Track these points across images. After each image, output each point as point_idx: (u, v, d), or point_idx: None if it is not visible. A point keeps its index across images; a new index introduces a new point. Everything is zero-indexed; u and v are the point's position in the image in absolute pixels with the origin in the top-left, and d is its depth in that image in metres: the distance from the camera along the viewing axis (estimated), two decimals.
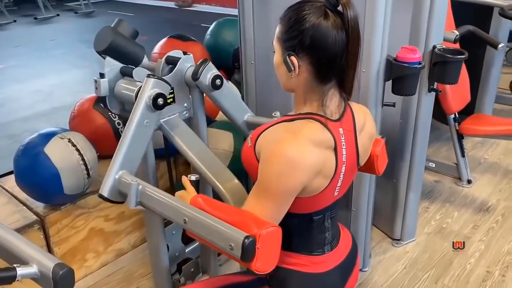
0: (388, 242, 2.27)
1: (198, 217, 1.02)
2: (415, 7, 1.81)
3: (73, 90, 5.08)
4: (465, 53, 1.80)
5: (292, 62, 1.01)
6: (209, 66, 1.46)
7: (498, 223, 2.39)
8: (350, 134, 1.08)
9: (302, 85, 1.05)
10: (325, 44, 0.97)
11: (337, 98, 1.05)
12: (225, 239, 0.94)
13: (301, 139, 0.98)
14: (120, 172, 1.24)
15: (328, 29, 0.96)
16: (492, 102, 3.32)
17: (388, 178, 2.17)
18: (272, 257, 0.95)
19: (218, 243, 0.96)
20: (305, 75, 1.02)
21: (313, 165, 0.98)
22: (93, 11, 10.23)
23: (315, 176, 1.00)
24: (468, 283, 1.99)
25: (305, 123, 1.02)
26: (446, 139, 3.12)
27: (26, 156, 1.80)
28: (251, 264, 0.91)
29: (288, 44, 1.02)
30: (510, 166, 2.95)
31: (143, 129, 1.31)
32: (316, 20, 0.96)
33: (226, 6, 10.15)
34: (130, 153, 1.27)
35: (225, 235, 0.94)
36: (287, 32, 1.02)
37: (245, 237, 0.89)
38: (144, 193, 1.18)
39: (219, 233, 0.96)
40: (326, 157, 1.01)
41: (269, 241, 0.93)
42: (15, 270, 0.78)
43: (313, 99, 1.05)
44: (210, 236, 0.99)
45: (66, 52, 6.86)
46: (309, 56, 1.00)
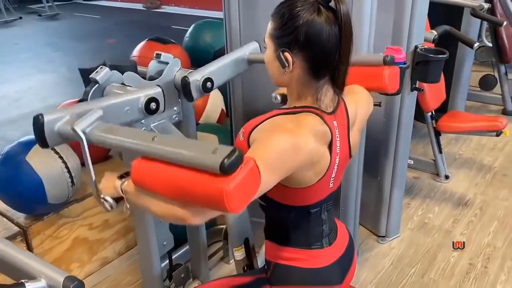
0: (373, 239, 2.31)
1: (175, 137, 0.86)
2: (397, 8, 1.85)
3: (42, 95, 4.94)
4: (447, 53, 1.85)
5: (286, 58, 1.01)
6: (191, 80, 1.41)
7: (477, 216, 2.47)
8: (343, 128, 1.09)
9: (295, 80, 1.04)
10: (320, 40, 0.97)
11: (331, 93, 1.05)
12: (209, 146, 0.77)
13: (305, 129, 0.97)
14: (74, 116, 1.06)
15: (322, 25, 0.96)
16: (464, 99, 3.44)
17: (372, 176, 2.21)
18: (243, 196, 0.80)
19: (196, 150, 0.79)
20: (299, 71, 1.02)
21: (311, 154, 0.98)
22: (57, 13, 9.95)
23: (308, 166, 0.99)
24: (453, 275, 2.05)
25: (305, 115, 1.01)
26: (421, 136, 3.21)
27: (6, 165, 1.73)
28: (224, 180, 0.75)
29: (282, 40, 1.01)
30: (484, 161, 3.06)
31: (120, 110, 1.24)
32: (310, 16, 0.96)
33: (195, 7, 10.11)
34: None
35: (209, 145, 0.79)
36: (280, 29, 1.01)
37: (234, 148, 0.76)
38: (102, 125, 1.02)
39: (200, 144, 0.84)
40: (322, 153, 1.02)
41: (251, 174, 0.81)
42: (23, 285, 0.75)
43: (307, 94, 1.04)
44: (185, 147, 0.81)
45: (31, 56, 6.65)
46: (303, 52, 0.99)
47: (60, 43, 7.41)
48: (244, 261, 1.48)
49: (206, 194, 0.78)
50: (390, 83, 1.31)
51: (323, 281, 1.16)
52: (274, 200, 1.10)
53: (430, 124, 2.72)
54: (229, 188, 0.75)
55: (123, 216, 2.21)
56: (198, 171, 0.78)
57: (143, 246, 1.61)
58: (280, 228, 1.16)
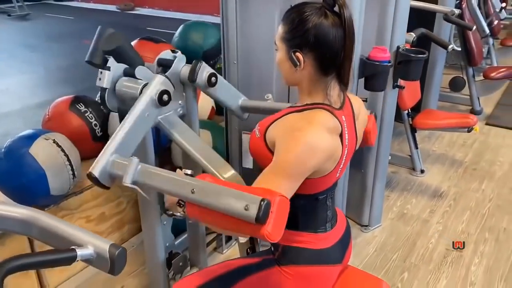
0: (357, 228, 2.45)
1: (208, 185, 1.03)
2: (380, 11, 2.00)
3: (20, 95, 4.89)
4: (426, 53, 2.01)
5: (298, 58, 1.12)
6: (203, 66, 1.54)
7: (451, 207, 2.66)
8: (350, 121, 1.21)
9: (306, 78, 1.16)
10: (327, 40, 1.09)
11: (337, 89, 1.17)
12: (240, 201, 0.94)
13: (317, 126, 1.09)
14: (114, 155, 1.24)
15: (329, 28, 1.08)
16: (436, 99, 3.65)
17: (356, 169, 2.35)
18: (280, 227, 0.97)
19: (231, 206, 0.95)
20: (309, 69, 1.13)
21: (328, 150, 1.10)
22: (28, 13, 9.79)
23: (327, 160, 1.12)
24: (432, 260, 2.21)
25: (316, 112, 1.13)
26: (397, 134, 3.38)
27: (10, 158, 1.76)
28: (263, 228, 0.92)
29: (293, 42, 1.12)
30: (456, 156, 3.27)
31: (143, 120, 1.34)
32: (318, 20, 1.08)
33: (169, 10, 10.13)
34: (126, 139, 1.28)
35: (240, 198, 0.95)
36: (291, 32, 1.12)
37: (261, 199, 0.92)
38: (144, 170, 1.18)
39: (233, 196, 0.97)
40: (337, 143, 1.13)
41: (281, 208, 0.97)
42: (75, 251, 0.83)
43: (318, 90, 1.16)
44: (221, 201, 0.98)
45: (7, 56, 6.55)
46: (313, 52, 1.11)
47: (35, 44, 7.30)
48: (247, 244, 1.58)
49: (251, 234, 1.03)
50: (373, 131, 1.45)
51: (327, 261, 1.27)
52: None
53: (406, 122, 2.89)
54: (268, 232, 0.93)
55: (118, 209, 2.27)
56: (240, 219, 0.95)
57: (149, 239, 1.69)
58: (290, 214, 1.26)
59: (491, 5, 4.45)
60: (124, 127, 1.29)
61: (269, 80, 1.89)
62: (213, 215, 1.02)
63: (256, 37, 1.88)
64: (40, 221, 0.89)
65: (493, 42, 4.61)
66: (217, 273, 1.31)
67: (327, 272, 1.28)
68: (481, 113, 3.95)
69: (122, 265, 0.87)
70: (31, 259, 0.77)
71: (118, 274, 0.87)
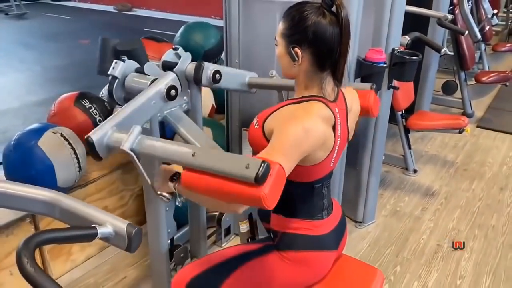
0: (352, 224, 2.53)
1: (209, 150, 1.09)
2: (376, 14, 2.08)
3: (17, 93, 4.92)
4: (420, 55, 2.10)
5: (297, 53, 1.20)
6: (205, 66, 1.61)
7: (442, 205, 2.75)
8: (343, 113, 1.29)
9: (303, 72, 1.23)
10: (325, 38, 1.17)
11: (332, 84, 1.25)
12: (241, 162, 0.97)
13: (313, 115, 1.17)
14: (114, 128, 1.26)
15: (327, 26, 1.16)
16: (429, 101, 3.75)
17: (351, 166, 2.43)
18: (276, 193, 1.00)
19: (232, 166, 0.98)
20: (306, 64, 1.21)
21: (321, 137, 1.17)
22: (25, 13, 9.82)
23: (319, 147, 1.19)
24: (424, 254, 2.29)
25: (312, 103, 1.21)
26: (390, 135, 3.46)
27: (19, 150, 1.83)
28: (260, 189, 0.95)
29: (293, 38, 1.20)
30: (447, 157, 3.37)
31: (149, 105, 1.40)
32: (317, 18, 1.16)
33: (166, 11, 10.20)
34: (130, 117, 1.32)
35: (241, 159, 0.98)
36: (291, 29, 1.20)
37: (262, 161, 0.96)
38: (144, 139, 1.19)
39: (234, 158, 1.01)
40: (329, 132, 1.21)
41: (278, 176, 1.00)
42: (95, 229, 0.89)
43: (313, 84, 1.24)
44: (222, 163, 1.00)
45: (3, 55, 6.57)
46: (311, 48, 1.19)
47: (32, 43, 7.33)
48: (247, 234, 1.66)
49: (247, 198, 1.00)
50: (374, 105, 1.52)
51: (323, 247, 1.34)
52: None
53: (400, 122, 2.98)
54: (265, 194, 0.96)
55: (121, 203, 2.34)
56: (237, 181, 0.98)
57: (153, 231, 1.75)
58: (287, 202, 1.32)
59: (483, 11, 4.57)
60: (129, 106, 1.34)
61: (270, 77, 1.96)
62: (209, 182, 1.03)
63: (258, 37, 1.95)
64: (62, 202, 0.96)
65: (485, 48, 4.73)
66: (220, 259, 1.37)
67: (323, 257, 1.35)
68: (473, 116, 4.06)
69: (138, 243, 0.93)
70: (57, 233, 0.84)
71: (134, 251, 0.93)
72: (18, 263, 0.74)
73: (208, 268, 1.36)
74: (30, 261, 0.75)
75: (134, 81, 1.52)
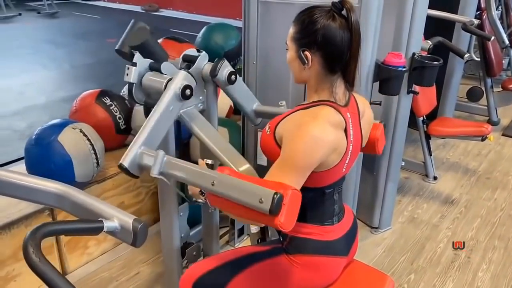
0: (367, 230, 2.50)
1: (227, 178, 1.13)
2: (397, 19, 2.06)
3: (45, 90, 5.06)
4: (441, 60, 2.07)
5: (306, 56, 1.20)
6: (225, 63, 1.63)
7: (462, 213, 2.69)
8: (355, 118, 1.28)
9: (313, 76, 1.24)
10: (334, 41, 1.17)
11: (343, 88, 1.25)
12: (255, 194, 1.03)
13: (321, 121, 1.16)
14: (142, 147, 1.34)
15: (336, 29, 1.16)
16: (452, 108, 3.67)
17: (369, 171, 2.41)
18: (292, 217, 1.06)
19: (247, 198, 1.05)
20: (316, 67, 1.21)
21: (332, 143, 1.17)
22: (56, 12, 10.09)
23: (331, 153, 1.18)
24: (439, 263, 2.25)
25: (321, 108, 1.21)
26: (412, 141, 3.43)
27: (39, 144, 1.89)
28: (276, 218, 1.01)
29: (303, 41, 1.21)
30: (469, 165, 3.29)
31: (168, 113, 1.44)
32: (326, 22, 1.16)
33: (193, 12, 10.31)
34: (153, 132, 1.39)
35: (255, 191, 1.04)
36: (301, 32, 1.21)
37: (274, 193, 1.00)
38: (169, 162, 1.29)
39: (249, 190, 1.05)
40: (340, 136, 1.20)
41: (293, 201, 1.05)
42: (102, 222, 0.91)
43: (324, 88, 1.24)
44: (238, 194, 1.07)
45: (33, 52, 6.76)
46: (320, 52, 1.19)
47: (62, 41, 7.53)
48: (258, 235, 1.65)
49: (265, 223, 1.12)
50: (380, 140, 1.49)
51: (333, 252, 1.34)
52: None
53: (421, 128, 2.93)
54: (281, 222, 1.02)
55: (137, 199, 2.38)
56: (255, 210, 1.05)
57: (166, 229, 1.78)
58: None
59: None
60: (151, 121, 1.39)
61: (286, 80, 1.96)
62: (231, 205, 1.11)
63: (275, 39, 1.96)
64: (72, 196, 0.99)
65: None
66: (228, 259, 1.38)
67: (332, 263, 1.34)
68: (498, 124, 3.96)
69: (143, 238, 0.95)
70: (64, 225, 0.86)
71: (139, 246, 0.95)
72: (24, 252, 0.77)
73: (215, 268, 1.37)
74: (35, 251, 0.77)
75: (150, 80, 1.53)
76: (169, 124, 1.49)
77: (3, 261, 1.84)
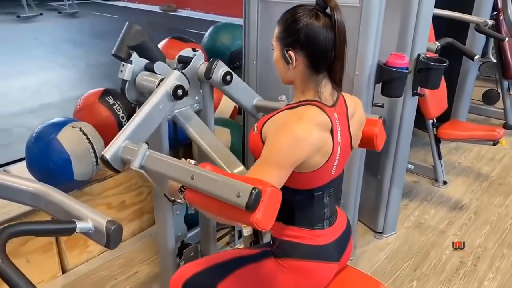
0: (371, 234, 2.45)
1: (206, 173, 1.10)
2: (402, 19, 2.01)
3: (60, 88, 5.14)
4: (446, 61, 2.01)
5: (290, 56, 1.18)
6: (219, 64, 1.61)
7: (471, 219, 2.61)
8: (343, 119, 1.25)
9: (298, 76, 1.21)
10: (317, 40, 1.14)
11: (329, 87, 1.22)
12: (233, 189, 1.00)
13: (305, 120, 1.14)
14: (126, 141, 1.31)
15: (319, 28, 1.14)
16: (466, 111, 3.58)
17: (372, 175, 2.36)
18: (270, 215, 1.02)
19: (225, 193, 1.02)
20: (301, 67, 1.19)
21: (315, 142, 1.14)
22: (77, 11, 10.25)
23: (315, 153, 1.15)
24: (444, 271, 2.18)
25: (306, 108, 1.18)
26: (423, 144, 3.35)
27: (39, 142, 1.90)
28: (252, 215, 0.98)
29: (286, 41, 1.19)
30: (482, 170, 3.20)
31: (157, 111, 1.42)
32: (309, 20, 1.14)
33: (210, 12, 10.34)
34: (140, 127, 1.36)
35: (234, 186, 1.01)
36: (285, 31, 1.19)
37: (253, 188, 0.97)
38: (151, 156, 1.26)
39: (227, 184, 1.03)
40: (325, 137, 1.17)
41: (272, 198, 1.01)
42: (75, 223, 0.91)
43: (309, 88, 1.21)
44: (217, 188, 1.04)
45: (51, 51, 6.88)
46: (304, 51, 1.17)
47: (80, 40, 7.65)
48: (251, 237, 1.63)
49: (241, 221, 1.06)
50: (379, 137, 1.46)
51: (322, 257, 1.30)
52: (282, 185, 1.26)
53: (431, 131, 2.86)
54: (257, 219, 0.98)
55: (139, 199, 2.38)
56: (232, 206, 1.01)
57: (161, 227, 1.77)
58: (287, 209, 1.29)
59: None
60: (138, 116, 1.37)
61: None
62: (209, 201, 1.08)
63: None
64: (48, 195, 0.99)
65: None
66: (218, 261, 1.37)
67: (322, 269, 1.31)
68: None
69: (117, 239, 0.94)
70: (33, 226, 0.86)
71: (113, 248, 0.94)
72: None
73: (205, 269, 1.36)
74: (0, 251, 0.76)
75: (144, 80, 1.53)
76: (158, 122, 1.46)
77: None
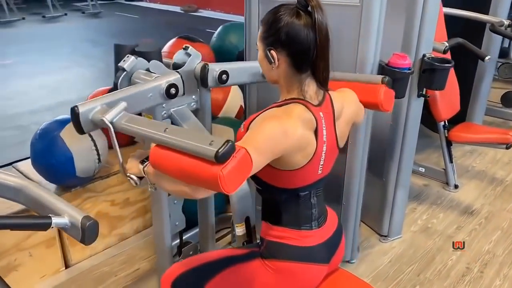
0: (375, 238, 2.41)
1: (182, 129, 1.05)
2: (407, 19, 1.97)
3: (78, 87, 5.24)
4: (452, 62, 1.96)
5: (272, 55, 1.18)
6: (210, 68, 1.60)
7: (481, 225, 2.54)
8: (329, 118, 1.23)
9: (282, 75, 1.21)
10: (298, 39, 1.13)
11: (314, 86, 1.21)
12: (207, 138, 0.95)
13: (293, 116, 1.13)
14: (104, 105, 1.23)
15: (300, 27, 1.12)
16: (482, 113, 3.48)
17: (377, 177, 2.32)
18: (236, 179, 0.95)
19: (197, 141, 0.95)
20: (284, 66, 1.18)
21: (298, 140, 1.13)
22: (100, 12, 10.44)
23: (296, 151, 1.14)
24: (449, 277, 2.13)
25: (292, 105, 1.17)
26: (436, 146, 3.27)
27: (43, 139, 1.94)
28: (219, 167, 0.91)
29: (268, 41, 1.18)
30: (497, 174, 3.11)
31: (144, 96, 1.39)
32: (290, 19, 1.13)
33: (230, 13, 10.37)
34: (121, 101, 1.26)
35: (208, 137, 0.96)
36: (267, 31, 1.19)
37: (228, 139, 0.92)
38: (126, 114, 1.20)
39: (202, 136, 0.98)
40: (308, 137, 1.16)
41: (243, 162, 0.96)
42: (50, 218, 0.92)
43: (294, 87, 1.20)
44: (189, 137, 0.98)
45: (72, 50, 7.03)
46: (285, 50, 1.16)
47: (100, 40, 7.78)
48: (243, 237, 1.62)
49: (205, 178, 0.95)
50: (385, 100, 1.44)
51: (310, 259, 1.29)
52: (268, 184, 1.25)
53: (442, 134, 2.79)
54: (223, 174, 0.91)
55: (143, 196, 2.40)
56: (200, 159, 0.95)
57: (157, 224, 1.78)
58: (273, 209, 1.30)
59: None
60: (124, 91, 1.35)
61: None
62: (174, 159, 1.01)
63: None
64: (28, 189, 1.00)
65: None
66: (207, 260, 1.37)
67: (309, 270, 1.29)
68: None
69: (93, 235, 0.95)
70: (9, 220, 0.87)
71: (89, 243, 0.95)
72: None
73: (194, 268, 1.36)
74: None
75: (139, 77, 1.54)
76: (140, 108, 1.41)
77: (5, 251, 1.91)
